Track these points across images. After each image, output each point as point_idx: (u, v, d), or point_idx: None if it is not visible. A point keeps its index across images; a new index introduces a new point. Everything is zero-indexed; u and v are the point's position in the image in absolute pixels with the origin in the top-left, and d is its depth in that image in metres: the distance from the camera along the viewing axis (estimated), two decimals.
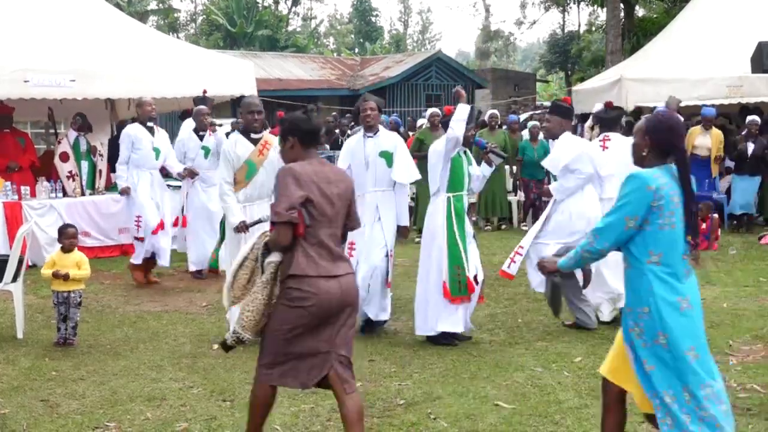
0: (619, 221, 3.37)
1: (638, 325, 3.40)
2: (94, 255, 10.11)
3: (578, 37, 37.49)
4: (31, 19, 10.52)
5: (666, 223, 3.36)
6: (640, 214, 3.36)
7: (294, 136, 3.90)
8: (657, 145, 3.47)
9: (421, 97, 25.51)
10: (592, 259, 3.57)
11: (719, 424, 3.29)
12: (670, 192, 3.36)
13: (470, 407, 4.84)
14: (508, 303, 7.72)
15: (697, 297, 3.46)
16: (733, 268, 9.21)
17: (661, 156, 3.46)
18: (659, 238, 3.36)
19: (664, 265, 3.37)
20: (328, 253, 3.77)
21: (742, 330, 6.55)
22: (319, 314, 3.73)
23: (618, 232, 3.39)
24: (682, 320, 3.34)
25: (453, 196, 6.24)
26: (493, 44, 54.03)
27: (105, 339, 6.61)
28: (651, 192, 3.33)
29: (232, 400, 5.05)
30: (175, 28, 45.40)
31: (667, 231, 3.36)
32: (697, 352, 3.34)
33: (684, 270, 3.42)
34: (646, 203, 3.34)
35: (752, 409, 4.72)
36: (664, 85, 12.64)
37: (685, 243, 3.43)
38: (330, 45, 55.44)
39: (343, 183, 3.91)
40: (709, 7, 14.43)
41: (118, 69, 10.44)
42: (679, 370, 3.33)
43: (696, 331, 3.38)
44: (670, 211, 3.35)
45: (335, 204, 3.80)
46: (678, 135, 3.49)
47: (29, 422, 4.73)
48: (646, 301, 3.36)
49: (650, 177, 3.36)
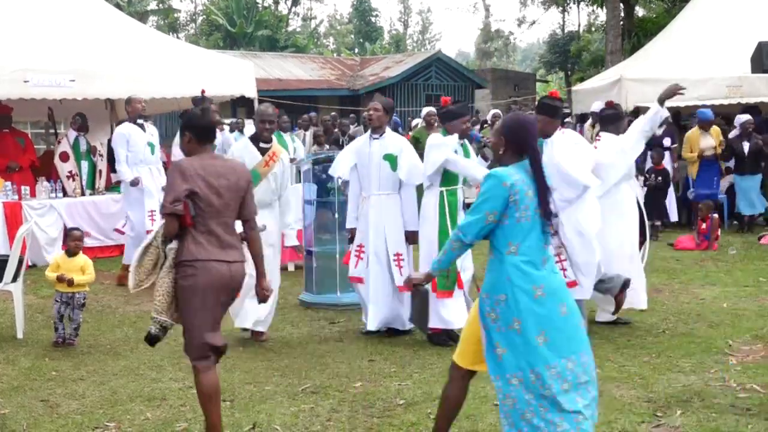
0: (481, 217, 3.64)
1: (495, 311, 3.65)
2: (93, 255, 10.09)
3: (578, 37, 37.49)
4: (31, 19, 10.53)
5: (522, 216, 3.62)
6: (499, 209, 3.62)
7: (190, 132, 4.17)
8: (512, 144, 3.75)
9: (421, 97, 25.50)
10: (460, 252, 3.78)
11: (558, 400, 3.57)
12: (524, 187, 3.63)
13: (470, 407, 4.83)
14: None
15: (554, 283, 3.68)
16: (733, 268, 9.21)
17: (517, 154, 3.74)
18: (517, 231, 3.62)
19: (521, 255, 3.62)
20: (218, 240, 4.07)
21: (742, 330, 6.55)
22: (209, 292, 4.05)
23: (480, 226, 3.64)
24: (535, 307, 3.59)
25: (446, 191, 6.20)
26: (493, 44, 54.05)
27: (105, 339, 6.61)
28: (506, 188, 3.60)
29: (232, 400, 5.06)
30: (175, 28, 45.39)
31: (523, 223, 3.62)
32: (546, 336, 3.59)
33: (541, 258, 3.67)
34: (503, 199, 3.61)
35: (752, 409, 4.72)
36: (664, 85, 12.40)
37: (543, 233, 3.68)
38: (330, 45, 55.44)
39: (234, 176, 4.13)
40: (709, 7, 14.43)
41: (118, 69, 10.45)
42: (528, 354, 3.58)
43: (548, 316, 3.61)
44: (525, 205, 3.62)
45: (223, 196, 4.06)
46: (530, 134, 3.76)
47: (29, 422, 4.73)
48: (503, 289, 3.62)
49: (505, 174, 3.64)
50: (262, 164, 6.25)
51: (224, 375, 5.58)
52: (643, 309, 6.90)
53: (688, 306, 7.43)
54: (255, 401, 5.04)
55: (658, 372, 5.50)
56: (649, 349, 6.05)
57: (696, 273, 9.00)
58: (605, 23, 23.79)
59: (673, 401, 4.89)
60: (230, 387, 5.31)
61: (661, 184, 11.52)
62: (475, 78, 27.68)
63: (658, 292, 8.04)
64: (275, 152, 6.32)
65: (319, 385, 5.33)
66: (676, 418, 4.61)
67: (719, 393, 5.02)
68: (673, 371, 5.51)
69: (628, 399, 4.97)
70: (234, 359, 5.96)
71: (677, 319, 6.95)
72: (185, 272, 4.05)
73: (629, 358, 5.84)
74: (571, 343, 3.63)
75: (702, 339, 6.30)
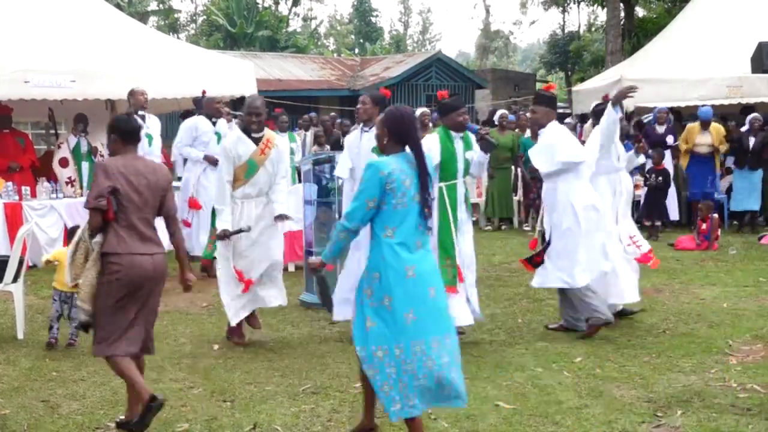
0: (362, 204, 3.94)
1: (370, 288, 3.97)
2: None
3: (578, 37, 37.49)
4: (31, 20, 10.54)
5: (399, 203, 3.93)
6: (377, 196, 3.92)
7: (115, 134, 4.53)
8: (394, 135, 4.03)
9: (421, 97, 25.49)
10: (348, 239, 4.06)
11: (419, 376, 3.90)
12: (401, 176, 3.92)
13: (470, 407, 4.83)
14: (507, 303, 7.72)
15: (425, 266, 4.00)
16: (733, 268, 9.21)
17: (398, 144, 4.03)
18: (393, 216, 3.93)
19: (396, 238, 3.93)
20: (138, 234, 4.40)
21: (742, 330, 6.55)
22: (129, 286, 4.34)
23: (362, 213, 3.96)
24: (406, 286, 3.90)
25: (446, 186, 6.20)
26: (493, 45, 54.04)
27: None
28: (384, 177, 3.90)
29: (233, 401, 5.06)
30: (176, 28, 45.36)
31: (400, 209, 3.93)
32: (415, 315, 3.90)
33: (416, 242, 3.98)
34: (381, 187, 3.90)
35: (752, 409, 4.72)
36: (664, 85, 12.65)
37: (419, 218, 3.99)
38: (330, 45, 55.40)
39: (154, 176, 4.48)
40: (709, 8, 14.45)
41: (118, 69, 10.44)
42: (396, 329, 3.89)
43: (418, 295, 3.92)
44: (402, 193, 3.92)
45: (143, 193, 4.39)
46: (411, 126, 4.05)
47: (30, 423, 4.73)
48: (378, 268, 3.94)
49: (383, 164, 3.95)
50: (258, 152, 6.24)
51: (225, 375, 5.59)
52: (634, 303, 6.95)
53: (688, 306, 7.43)
54: (255, 401, 5.05)
55: (658, 372, 5.50)
56: (650, 349, 6.06)
57: (696, 273, 9.00)
58: (605, 23, 23.79)
59: (674, 401, 4.90)
60: (231, 387, 5.31)
61: (661, 184, 11.52)
62: (475, 78, 27.66)
63: (658, 292, 8.05)
64: (269, 139, 6.33)
65: (319, 385, 5.34)
66: (677, 418, 4.62)
67: (719, 393, 5.02)
68: (673, 371, 5.51)
69: (629, 399, 4.98)
70: (234, 359, 5.97)
71: (677, 319, 6.96)
72: (110, 268, 4.34)
73: (629, 358, 5.85)
74: (438, 324, 3.96)
75: (702, 339, 6.30)
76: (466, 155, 6.24)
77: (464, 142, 6.24)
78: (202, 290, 8.49)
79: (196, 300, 8.04)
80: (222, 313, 6.77)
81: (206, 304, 7.81)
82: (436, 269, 4.10)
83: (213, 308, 7.61)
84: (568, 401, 4.94)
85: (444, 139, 6.20)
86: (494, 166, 11.83)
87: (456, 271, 6.14)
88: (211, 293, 8.24)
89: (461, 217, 6.21)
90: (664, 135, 12.03)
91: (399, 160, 3.98)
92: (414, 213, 3.97)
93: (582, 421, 4.62)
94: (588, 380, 5.34)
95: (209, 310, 7.58)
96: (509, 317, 7.18)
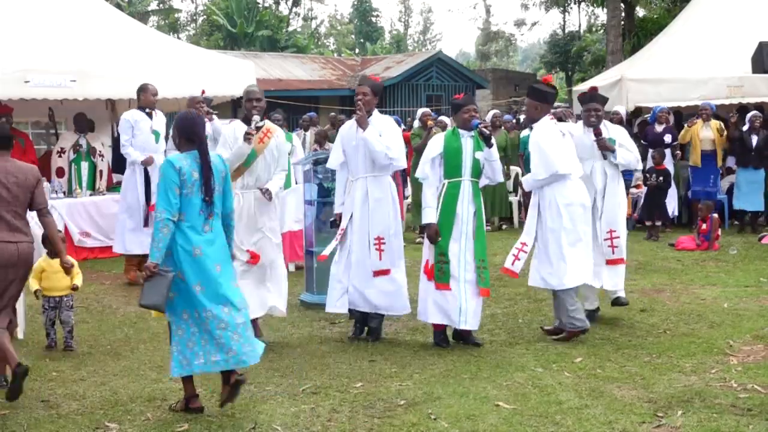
0: (164, 194, 4.63)
1: (166, 264, 4.65)
2: (94, 255, 10.13)
3: (579, 38, 37.48)
4: (31, 20, 10.54)
5: (189, 192, 4.67)
6: (176, 186, 4.64)
7: None
8: (184, 136, 4.78)
9: (422, 97, 25.50)
10: (169, 230, 4.61)
11: (215, 335, 4.68)
12: (189, 170, 4.68)
13: (471, 408, 4.84)
14: (508, 303, 7.72)
15: (211, 246, 4.73)
16: (734, 269, 9.20)
17: (189, 143, 4.76)
18: (184, 203, 4.66)
19: (186, 222, 4.68)
20: (7, 225, 5.03)
21: (743, 330, 6.54)
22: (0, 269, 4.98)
23: (168, 202, 4.62)
24: (193, 263, 4.66)
25: (448, 182, 6.19)
26: (494, 45, 54.02)
27: (105, 339, 6.62)
28: (176, 170, 4.65)
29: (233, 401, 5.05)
30: (176, 28, 45.38)
31: (189, 197, 4.67)
32: (202, 286, 4.66)
33: (203, 226, 4.73)
34: (176, 179, 4.64)
35: (753, 410, 4.71)
36: (665, 85, 12.65)
37: (204, 206, 4.72)
38: (330, 45, 55.39)
39: (22, 175, 5.12)
40: (709, 8, 14.43)
41: (118, 69, 10.45)
42: (190, 298, 4.66)
43: (205, 271, 4.67)
44: (191, 183, 4.67)
45: (11, 190, 5.03)
46: (196, 128, 4.79)
47: (30, 423, 4.73)
48: (173, 247, 4.66)
49: (175, 160, 4.70)
50: (257, 141, 6.24)
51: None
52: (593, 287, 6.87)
53: (688, 306, 7.42)
54: (256, 401, 5.04)
55: (658, 372, 5.50)
56: (650, 350, 6.05)
57: (697, 273, 8.99)
58: (606, 23, 23.79)
59: (674, 401, 4.89)
60: None
61: (662, 184, 11.51)
62: (475, 78, 27.66)
63: (658, 292, 8.04)
64: (269, 129, 6.33)
65: (319, 385, 5.33)
66: (677, 418, 4.61)
67: (720, 393, 5.01)
68: (673, 371, 5.51)
69: (629, 399, 4.97)
70: None
71: (678, 320, 6.95)
72: None
73: (630, 359, 5.84)
74: (225, 295, 4.71)
75: (703, 339, 6.30)
76: (476, 155, 6.20)
77: (475, 141, 6.21)
78: None
79: None
80: None
81: None
82: (224, 250, 4.83)
83: None
84: (568, 401, 4.94)
85: (449, 136, 6.26)
86: None
87: (447, 268, 6.13)
88: None
89: (463, 217, 6.16)
90: (662, 134, 12.02)
91: (188, 157, 4.73)
92: (199, 201, 4.71)
93: (582, 421, 4.62)
94: (588, 380, 5.34)
95: None
96: (510, 317, 7.17)
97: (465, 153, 6.19)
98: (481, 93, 27.66)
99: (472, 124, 6.20)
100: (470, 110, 6.25)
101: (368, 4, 54.54)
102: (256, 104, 6.28)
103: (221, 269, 4.74)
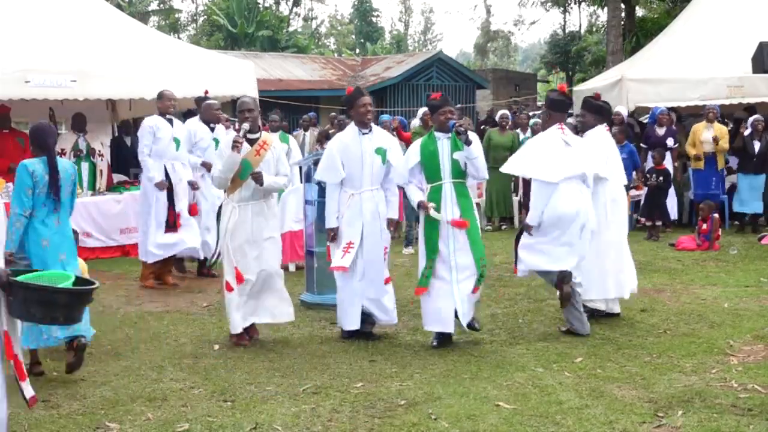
0: (20, 194, 5.33)
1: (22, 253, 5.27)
2: (95, 256, 10.13)
3: (579, 38, 37.50)
4: (31, 20, 10.53)
5: (40, 192, 5.37)
6: (29, 187, 5.33)
7: None
8: (35, 143, 5.48)
9: (422, 97, 25.46)
10: (21, 224, 5.34)
11: None
12: (42, 173, 5.37)
13: (471, 407, 4.84)
14: (508, 303, 7.72)
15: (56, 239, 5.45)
16: (734, 269, 9.20)
17: (41, 150, 5.45)
18: (37, 201, 5.38)
19: (37, 218, 5.40)
20: None
21: (743, 330, 6.54)
22: None
23: (23, 200, 5.34)
24: (40, 253, 5.38)
25: (431, 187, 6.19)
26: (494, 45, 54.02)
27: (106, 339, 6.62)
28: (30, 173, 5.34)
29: (233, 401, 5.06)
30: (176, 28, 45.38)
31: (40, 197, 5.38)
32: None
33: (53, 221, 5.48)
34: (29, 180, 5.33)
35: (753, 410, 4.71)
36: (665, 85, 12.64)
37: (52, 204, 5.44)
38: (331, 45, 55.40)
39: None
40: (709, 8, 14.42)
41: (118, 69, 10.45)
42: None
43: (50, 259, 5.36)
44: (43, 184, 5.37)
45: None
46: (47, 137, 5.48)
47: (30, 423, 4.73)
48: (24, 239, 5.36)
49: (30, 164, 5.38)
50: (253, 153, 6.24)
51: (225, 375, 5.59)
52: None
53: (689, 306, 7.42)
54: (256, 401, 5.05)
55: (659, 372, 5.50)
56: (650, 350, 6.05)
57: (697, 273, 8.99)
58: (606, 23, 23.79)
59: (675, 401, 4.89)
60: (231, 387, 5.31)
61: (662, 184, 11.51)
62: (476, 78, 27.65)
63: (659, 292, 8.04)
64: (265, 141, 6.32)
65: (320, 385, 5.33)
66: (678, 418, 4.61)
67: (720, 393, 5.01)
68: (674, 371, 5.51)
69: (629, 399, 4.97)
70: (235, 360, 5.97)
71: (678, 320, 6.95)
72: None
73: (630, 359, 5.84)
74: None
75: (703, 339, 6.30)
76: (455, 155, 6.15)
77: (452, 142, 6.16)
78: (203, 291, 8.50)
79: (196, 300, 8.04)
80: (223, 313, 6.77)
81: (207, 304, 7.81)
82: (70, 242, 5.60)
83: (214, 308, 7.61)
84: (568, 401, 4.94)
85: (425, 141, 6.28)
86: (492, 166, 11.86)
87: (430, 273, 6.16)
88: (212, 293, 8.25)
89: (448, 219, 6.14)
90: (665, 137, 12.02)
91: (40, 161, 5.41)
92: (50, 200, 5.42)
93: (583, 421, 4.62)
94: (589, 380, 5.34)
95: (210, 311, 7.58)
96: (510, 317, 7.17)
97: (442, 156, 6.16)
98: (482, 93, 27.66)
99: (449, 125, 6.14)
100: (446, 112, 6.19)
101: (368, 4, 54.55)
102: (248, 115, 6.27)
103: (65, 257, 5.51)
